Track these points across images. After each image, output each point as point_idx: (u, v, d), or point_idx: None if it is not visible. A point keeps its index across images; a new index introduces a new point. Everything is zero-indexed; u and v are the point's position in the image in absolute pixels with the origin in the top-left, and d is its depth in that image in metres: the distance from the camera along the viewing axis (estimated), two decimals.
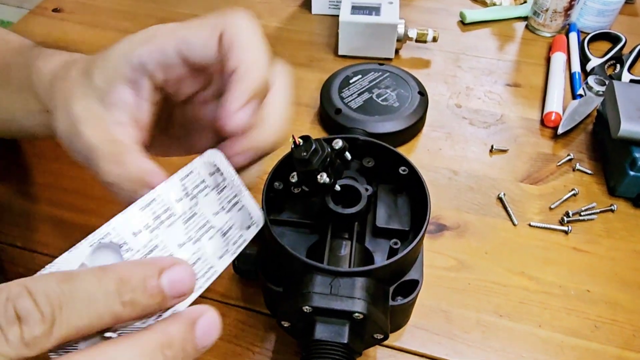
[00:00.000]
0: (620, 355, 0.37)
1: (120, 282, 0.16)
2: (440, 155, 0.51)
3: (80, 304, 0.15)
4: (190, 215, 0.23)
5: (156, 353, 0.16)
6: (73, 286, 0.15)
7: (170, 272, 0.17)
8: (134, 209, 0.21)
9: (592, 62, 0.60)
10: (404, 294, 0.35)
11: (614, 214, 0.46)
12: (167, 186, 0.23)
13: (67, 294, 0.15)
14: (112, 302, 0.16)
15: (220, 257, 0.24)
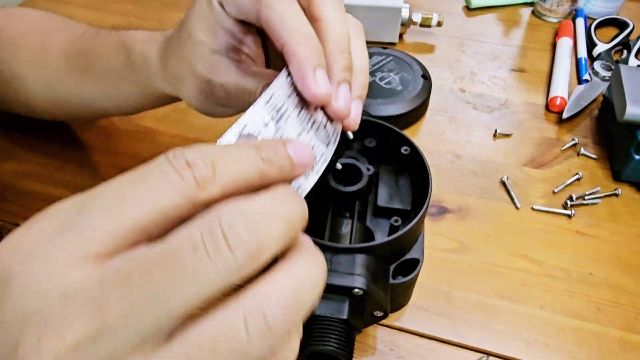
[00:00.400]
0: (622, 337, 0.37)
1: (257, 148, 0.18)
2: (444, 139, 0.51)
3: (230, 159, 0.17)
4: (299, 109, 0.25)
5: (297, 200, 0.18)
6: (222, 149, 0.18)
7: (293, 144, 0.19)
8: (261, 103, 0.23)
9: (599, 48, 0.59)
10: (405, 273, 0.35)
11: (618, 198, 0.46)
12: (279, 84, 0.24)
13: (218, 153, 0.17)
14: (254, 159, 0.18)
15: (327, 145, 0.26)
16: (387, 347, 0.36)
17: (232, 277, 0.15)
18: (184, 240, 0.15)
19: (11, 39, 0.44)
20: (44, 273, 0.15)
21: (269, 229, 0.16)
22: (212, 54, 0.30)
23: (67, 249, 0.15)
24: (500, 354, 0.36)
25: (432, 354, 0.36)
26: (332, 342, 0.30)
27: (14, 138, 0.51)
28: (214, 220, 0.15)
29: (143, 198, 0.16)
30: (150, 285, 0.15)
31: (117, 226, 0.15)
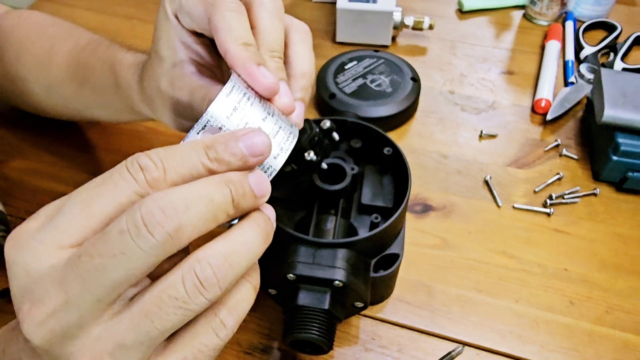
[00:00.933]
0: (592, 329, 0.39)
1: (206, 146, 0.21)
2: (431, 140, 0.53)
3: (178, 159, 0.20)
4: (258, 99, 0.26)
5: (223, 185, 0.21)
6: (172, 149, 0.21)
7: (246, 137, 0.22)
8: (222, 96, 0.24)
9: (586, 51, 0.60)
10: (385, 267, 0.37)
11: (597, 197, 0.47)
12: (235, 77, 0.26)
13: (167, 155, 0.20)
14: (202, 158, 0.21)
15: (292, 126, 0.27)
16: (369, 337, 0.39)
17: (158, 253, 0.19)
18: (114, 227, 0.19)
19: (20, 42, 0.47)
20: (31, 259, 0.20)
21: (187, 211, 0.19)
22: (172, 68, 0.31)
23: (46, 241, 0.20)
24: (477, 344, 0.38)
25: (412, 344, 0.38)
26: (314, 331, 0.32)
27: (22, 137, 0.54)
28: (136, 208, 0.19)
29: (105, 198, 0.20)
30: (94, 264, 0.19)
31: (85, 220, 0.20)
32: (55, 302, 0.19)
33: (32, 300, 0.19)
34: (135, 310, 0.20)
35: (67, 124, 0.55)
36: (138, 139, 0.53)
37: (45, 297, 0.19)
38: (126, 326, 0.20)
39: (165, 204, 0.19)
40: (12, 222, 0.45)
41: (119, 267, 0.19)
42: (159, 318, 0.19)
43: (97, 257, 0.19)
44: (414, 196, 0.48)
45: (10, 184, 0.49)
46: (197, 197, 0.20)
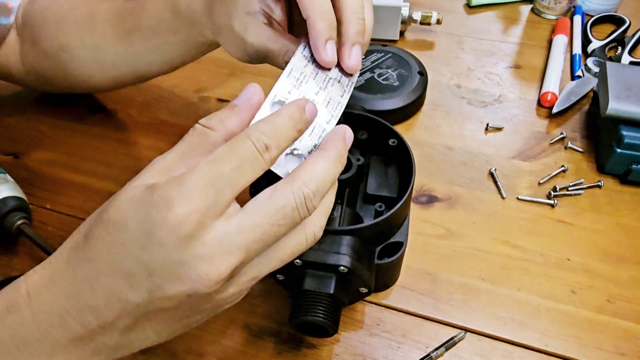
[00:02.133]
0: (592, 317, 0.40)
1: (291, 118, 0.26)
2: (437, 133, 0.54)
3: (284, 136, 0.26)
4: (316, 73, 0.33)
5: (337, 162, 0.27)
6: (276, 128, 0.25)
7: (307, 107, 0.27)
8: (283, 77, 0.31)
9: (593, 44, 0.61)
10: (390, 255, 0.38)
11: (601, 189, 0.48)
12: (297, 58, 0.32)
13: (278, 132, 0.25)
14: (294, 132, 0.26)
15: (342, 95, 0.34)
16: (374, 322, 0.40)
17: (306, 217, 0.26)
18: (287, 205, 0.25)
19: (58, 15, 0.49)
20: (204, 234, 0.23)
21: (324, 190, 0.26)
22: (246, 16, 0.35)
23: (211, 217, 0.23)
24: (479, 330, 0.39)
25: (415, 329, 0.40)
26: (319, 314, 0.34)
27: (42, 130, 0.56)
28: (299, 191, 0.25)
29: (247, 177, 0.24)
30: (272, 231, 0.25)
31: (234, 193, 0.24)
32: (237, 259, 0.24)
33: (215, 261, 0.23)
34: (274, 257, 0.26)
35: (83, 116, 0.57)
36: (153, 131, 0.55)
37: (229, 257, 0.24)
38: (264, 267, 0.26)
39: (315, 187, 0.25)
40: (33, 211, 0.47)
41: (285, 231, 0.25)
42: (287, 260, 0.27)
43: (275, 226, 0.24)
44: (419, 187, 0.49)
45: (31, 174, 0.51)
46: (328, 179, 0.26)
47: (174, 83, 0.60)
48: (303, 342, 0.39)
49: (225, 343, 0.39)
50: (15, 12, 0.51)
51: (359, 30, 0.33)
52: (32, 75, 0.53)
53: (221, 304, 0.27)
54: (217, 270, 0.23)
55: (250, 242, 0.24)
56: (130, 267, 0.23)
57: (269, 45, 0.35)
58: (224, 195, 0.24)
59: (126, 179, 0.30)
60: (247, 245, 0.24)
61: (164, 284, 0.23)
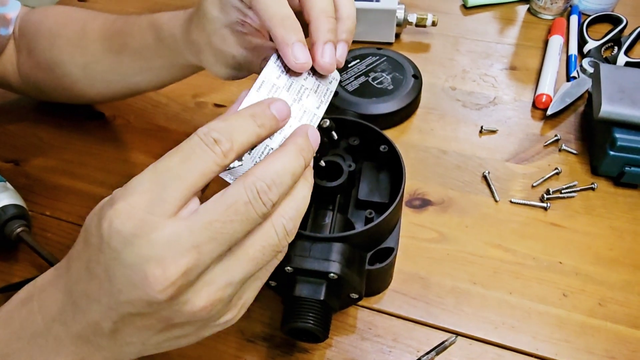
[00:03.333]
0: (584, 321, 0.40)
1: (253, 116, 0.26)
2: (432, 136, 0.54)
3: (240, 131, 0.25)
4: (290, 84, 0.31)
5: (298, 155, 0.26)
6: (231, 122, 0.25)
7: (275, 103, 0.27)
8: (253, 91, 0.29)
9: (589, 45, 0.61)
10: (381, 260, 0.39)
11: (595, 192, 0.48)
12: (269, 69, 0.31)
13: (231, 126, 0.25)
14: (254, 127, 0.26)
15: (318, 107, 0.32)
16: (366, 327, 0.41)
17: (266, 214, 0.24)
18: (239, 199, 0.24)
19: (51, 30, 0.50)
20: (151, 231, 0.22)
21: (281, 184, 0.25)
22: (223, 28, 0.35)
23: (160, 214, 0.23)
24: (470, 334, 0.40)
25: (407, 333, 0.40)
26: (309, 320, 0.34)
27: (42, 137, 0.57)
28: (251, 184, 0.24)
29: (195, 170, 0.24)
30: (225, 227, 0.23)
31: (184, 192, 0.23)
32: (189, 261, 0.23)
33: (164, 263, 0.22)
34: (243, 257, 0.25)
35: (81, 123, 0.58)
36: (151, 137, 0.56)
37: (179, 258, 0.22)
38: (235, 269, 0.25)
39: (270, 180, 0.24)
40: (33, 218, 0.48)
41: (241, 230, 0.24)
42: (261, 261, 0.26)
43: (228, 223, 0.23)
44: (413, 191, 0.49)
45: (32, 181, 0.52)
46: (287, 172, 0.25)
47: (172, 89, 0.60)
48: (295, 346, 0.39)
49: (219, 347, 0.40)
50: (13, 23, 0.52)
51: (329, 28, 0.31)
52: (29, 85, 0.54)
53: (200, 318, 0.25)
54: (165, 272, 0.22)
55: (201, 242, 0.23)
56: (97, 271, 0.24)
57: (248, 54, 0.35)
58: (170, 190, 0.23)
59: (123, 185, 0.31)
60: (198, 244, 0.23)
61: (123, 288, 0.23)
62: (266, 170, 0.25)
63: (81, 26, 0.49)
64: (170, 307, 0.24)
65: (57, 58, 0.50)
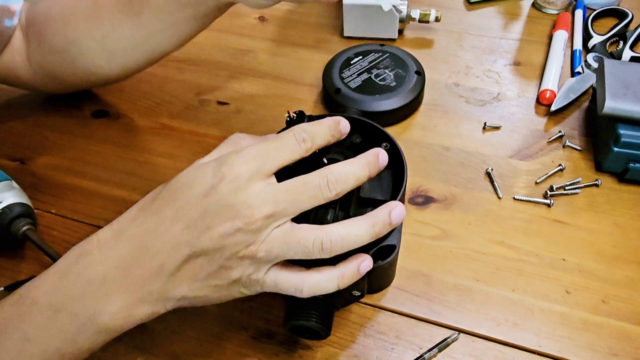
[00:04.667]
0: (587, 318, 0.40)
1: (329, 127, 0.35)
2: (435, 132, 0.54)
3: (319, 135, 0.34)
4: None
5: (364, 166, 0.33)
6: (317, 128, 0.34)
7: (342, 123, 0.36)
8: None
9: (594, 39, 0.60)
10: (383, 258, 0.39)
11: (599, 188, 0.48)
12: None
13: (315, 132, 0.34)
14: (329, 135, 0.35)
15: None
16: (368, 324, 0.41)
17: (330, 198, 0.32)
18: (313, 181, 0.31)
19: (61, 12, 0.50)
20: (252, 188, 0.31)
21: (347, 182, 0.32)
22: None
23: (258, 179, 0.31)
24: (472, 331, 0.40)
25: (409, 330, 0.40)
26: (312, 318, 0.35)
27: (47, 135, 0.57)
28: (325, 175, 0.32)
29: (286, 155, 0.32)
30: (298, 197, 0.31)
31: (275, 165, 0.32)
32: (269, 210, 0.30)
33: (254, 207, 0.30)
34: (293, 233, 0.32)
35: (86, 121, 0.58)
36: (154, 135, 0.56)
37: (263, 206, 0.30)
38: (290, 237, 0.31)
39: (339, 177, 0.32)
40: (38, 215, 0.48)
41: (308, 202, 0.31)
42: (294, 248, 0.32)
43: (299, 194, 0.31)
44: (415, 188, 0.49)
45: (37, 179, 0.53)
46: (352, 174, 0.33)
47: (175, 86, 0.61)
48: (298, 343, 0.40)
49: (222, 344, 0.40)
50: (18, 14, 0.52)
51: None
52: (39, 74, 0.54)
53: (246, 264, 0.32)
54: (253, 212, 0.30)
55: (279, 199, 0.30)
56: (191, 212, 0.31)
57: None
58: (267, 164, 0.31)
59: (128, 183, 0.33)
60: (277, 200, 0.30)
61: (214, 222, 0.30)
62: (338, 169, 0.32)
63: (92, 1, 0.49)
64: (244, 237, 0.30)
65: (72, 37, 0.50)
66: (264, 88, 0.61)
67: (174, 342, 0.40)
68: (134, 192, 0.51)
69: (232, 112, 0.58)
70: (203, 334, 0.41)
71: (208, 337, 0.41)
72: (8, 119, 0.59)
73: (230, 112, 0.58)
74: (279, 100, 0.59)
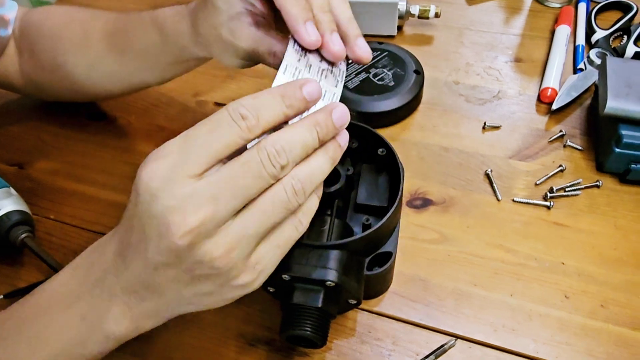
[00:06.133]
0: (585, 323, 0.40)
1: (282, 96, 0.28)
2: (434, 133, 0.53)
3: (267, 109, 0.27)
4: (309, 66, 0.34)
5: (311, 128, 0.28)
6: (259, 100, 0.27)
7: (307, 85, 0.28)
8: (279, 75, 0.32)
9: (597, 34, 0.59)
10: (380, 264, 0.39)
11: (599, 189, 0.47)
12: (289, 54, 0.33)
13: (259, 103, 0.27)
14: (281, 106, 0.27)
15: (336, 86, 0.35)
16: (365, 330, 0.41)
17: (276, 175, 0.27)
18: (252, 159, 0.26)
19: (52, 31, 0.50)
20: (175, 186, 0.25)
21: (291, 152, 0.27)
22: (231, 21, 0.36)
23: (182, 173, 0.25)
24: (469, 337, 0.40)
25: (406, 336, 0.40)
26: (307, 328, 0.35)
27: (45, 139, 0.57)
28: (263, 147, 0.26)
29: (220, 140, 0.26)
30: (239, 183, 0.26)
31: (207, 157, 0.26)
32: (206, 212, 0.25)
33: (185, 213, 0.25)
34: (255, 210, 0.27)
35: (84, 126, 0.58)
36: (151, 138, 0.56)
37: (198, 209, 0.25)
38: (249, 221, 0.27)
39: (280, 147, 0.26)
40: (37, 221, 0.48)
41: (253, 186, 0.26)
42: (271, 215, 0.27)
43: (241, 178, 0.26)
44: (413, 191, 0.49)
45: (35, 184, 0.53)
46: (297, 141, 0.27)
47: (172, 88, 0.61)
48: (296, 350, 0.40)
49: (220, 351, 0.40)
50: (12, 24, 0.52)
51: (328, 19, 0.34)
52: (31, 85, 0.54)
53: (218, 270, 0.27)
54: (185, 220, 0.25)
55: (218, 194, 0.25)
56: (136, 225, 0.27)
57: (256, 46, 0.36)
58: (195, 155, 0.26)
59: (126, 187, 0.32)
60: (215, 196, 0.25)
61: (153, 238, 0.26)
62: (278, 138, 0.26)
63: (83, 27, 0.49)
64: (191, 256, 0.26)
65: (60, 60, 0.50)
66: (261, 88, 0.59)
67: (172, 349, 0.40)
68: None
69: None
70: (200, 340, 0.41)
71: (205, 343, 0.41)
72: (5, 122, 0.59)
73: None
74: None
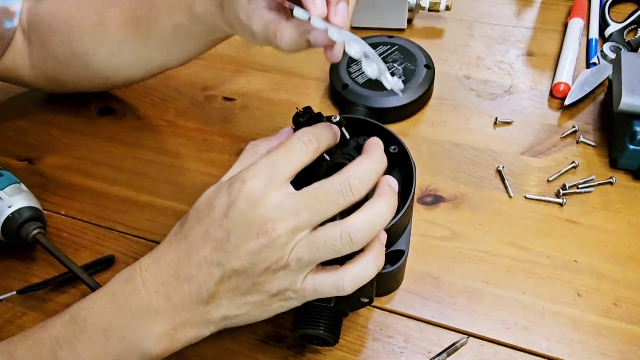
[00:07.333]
0: (597, 322, 0.40)
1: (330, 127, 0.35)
2: (444, 128, 0.53)
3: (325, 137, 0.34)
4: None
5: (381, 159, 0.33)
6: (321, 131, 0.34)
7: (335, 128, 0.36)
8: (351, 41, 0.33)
9: (612, 28, 0.58)
10: (392, 263, 0.38)
11: (613, 186, 0.47)
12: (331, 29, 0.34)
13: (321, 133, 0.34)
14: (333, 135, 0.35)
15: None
16: (377, 327, 0.41)
17: (347, 204, 0.31)
18: (333, 187, 0.30)
19: (66, 23, 0.50)
20: (268, 200, 0.30)
21: (367, 185, 0.31)
22: (248, 5, 0.38)
23: (273, 189, 0.30)
24: (481, 335, 0.40)
25: (418, 334, 0.40)
26: (320, 326, 0.35)
27: (54, 133, 0.57)
28: (345, 179, 0.30)
29: (296, 161, 0.32)
30: (318, 206, 0.30)
31: (288, 176, 0.31)
32: (291, 224, 0.30)
33: (275, 221, 0.30)
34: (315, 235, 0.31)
35: (92, 119, 0.58)
36: (161, 133, 0.56)
37: (285, 220, 0.30)
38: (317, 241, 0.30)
39: (359, 179, 0.30)
40: (48, 217, 0.48)
41: (331, 210, 0.30)
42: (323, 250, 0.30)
43: (321, 202, 0.30)
44: (425, 187, 0.48)
45: (45, 179, 0.53)
46: (373, 171, 0.31)
47: (181, 82, 0.61)
48: (307, 347, 0.40)
49: (233, 348, 0.40)
50: (18, 15, 0.52)
51: None
52: (41, 77, 0.54)
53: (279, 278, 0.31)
54: (275, 227, 0.29)
55: (300, 210, 0.30)
56: (216, 233, 0.31)
57: (266, 31, 0.38)
58: (280, 173, 0.31)
59: (135, 183, 0.32)
60: (297, 211, 0.30)
61: (239, 241, 0.30)
62: (358, 170, 0.31)
63: (99, 17, 0.49)
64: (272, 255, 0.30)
65: (77, 51, 0.50)
66: (270, 82, 0.60)
67: None
68: (141, 192, 0.51)
69: (238, 108, 0.57)
70: (213, 336, 0.41)
71: (218, 340, 0.41)
72: (15, 117, 0.59)
73: (236, 108, 0.57)
74: (285, 95, 0.58)
